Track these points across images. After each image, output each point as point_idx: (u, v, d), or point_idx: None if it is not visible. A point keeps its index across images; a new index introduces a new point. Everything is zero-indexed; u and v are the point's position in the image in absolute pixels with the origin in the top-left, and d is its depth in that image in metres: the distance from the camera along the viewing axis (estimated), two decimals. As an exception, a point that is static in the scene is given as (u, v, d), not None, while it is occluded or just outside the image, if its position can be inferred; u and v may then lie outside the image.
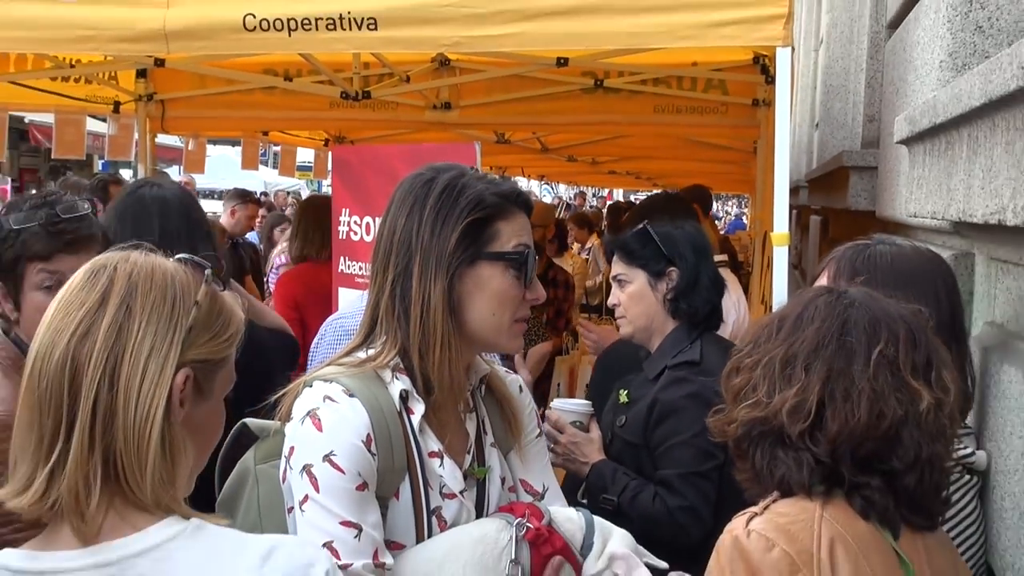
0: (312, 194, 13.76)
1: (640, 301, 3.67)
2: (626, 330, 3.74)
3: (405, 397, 2.25)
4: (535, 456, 2.62)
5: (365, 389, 2.21)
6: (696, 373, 3.48)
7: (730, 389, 2.01)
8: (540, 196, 27.34)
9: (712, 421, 2.09)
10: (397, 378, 2.26)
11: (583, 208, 23.02)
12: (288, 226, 8.90)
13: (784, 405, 1.87)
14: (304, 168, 16.04)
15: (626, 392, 3.65)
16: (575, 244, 13.69)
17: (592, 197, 28.70)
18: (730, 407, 2.01)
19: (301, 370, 3.89)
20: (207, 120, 8.35)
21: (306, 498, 2.10)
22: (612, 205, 15.65)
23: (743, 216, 20.62)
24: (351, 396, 2.18)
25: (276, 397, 2.30)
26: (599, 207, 20.10)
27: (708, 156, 10.29)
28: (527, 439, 2.58)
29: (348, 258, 4.80)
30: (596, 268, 12.25)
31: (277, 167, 13.29)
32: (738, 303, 5.52)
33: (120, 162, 10.95)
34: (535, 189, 26.59)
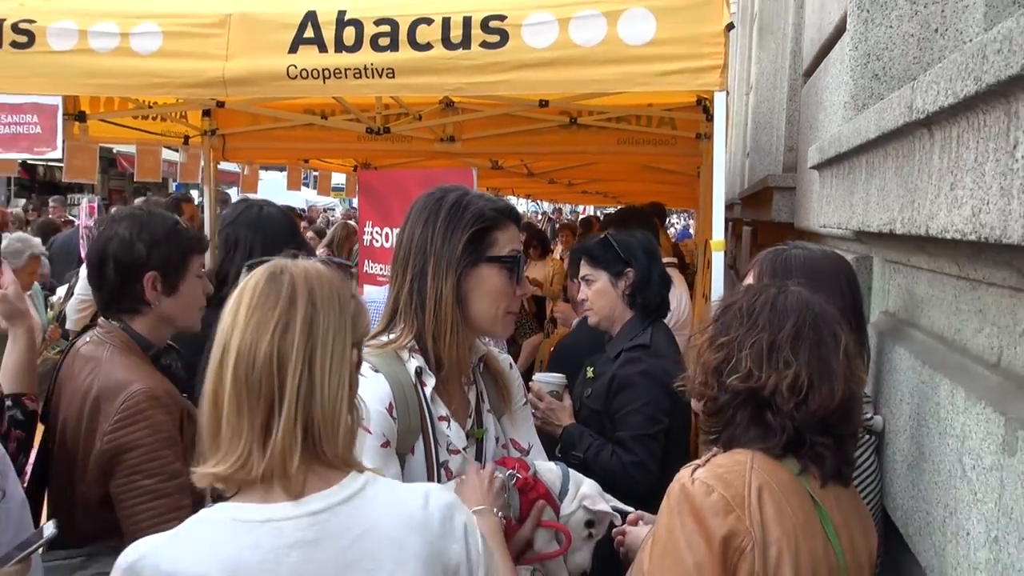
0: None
1: (603, 296, 3.69)
2: (592, 319, 3.76)
3: (419, 372, 2.27)
4: (522, 420, 2.63)
5: (387, 366, 2.23)
6: (647, 355, 3.51)
7: (708, 362, 1.99)
8: (527, 211, 27.32)
9: (690, 388, 2.08)
10: (413, 357, 2.27)
11: (560, 220, 23.09)
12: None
13: (782, 382, 1.87)
14: (338, 188, 15.99)
15: (592, 369, 3.67)
16: (561, 247, 13.64)
17: (569, 212, 28.60)
18: (705, 375, 2.00)
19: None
20: (259, 150, 8.31)
21: None
22: (583, 219, 15.60)
23: (689, 227, 20.58)
24: (376, 372, 2.20)
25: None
26: (574, 220, 20.04)
27: (661, 179, 10.26)
28: (516, 406, 2.60)
29: (371, 260, 4.81)
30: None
31: (316, 188, 13.20)
32: (681, 296, 5.52)
33: (190, 184, 10.88)
34: (523, 205, 26.56)
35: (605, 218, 9.63)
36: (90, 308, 5.05)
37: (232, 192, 16.90)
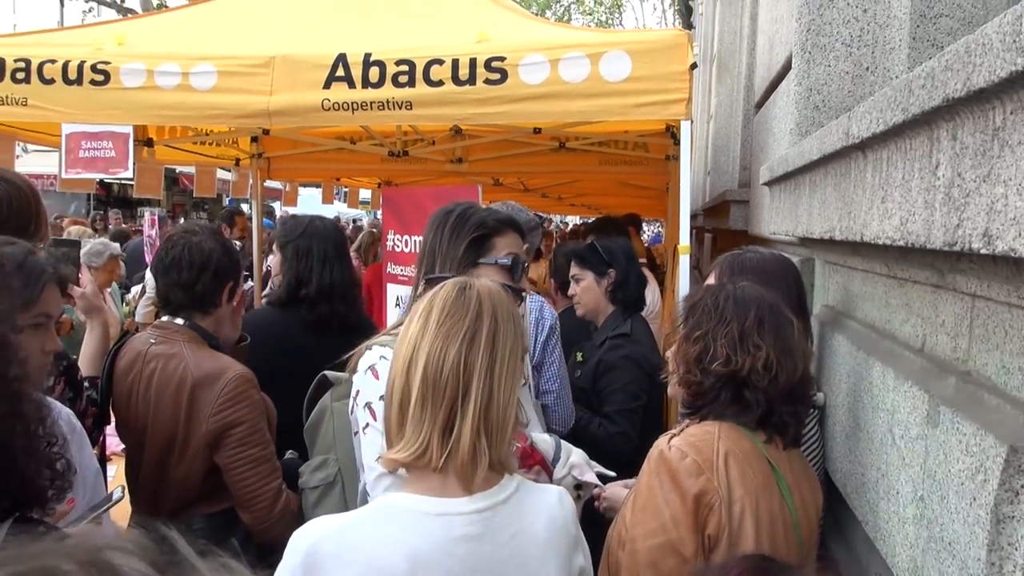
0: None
1: (589, 292, 3.68)
2: (580, 312, 3.75)
3: None
4: (522, 397, 2.61)
5: None
6: (628, 342, 3.51)
7: (688, 354, 1.98)
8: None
9: (678, 379, 2.06)
10: None
11: (550, 228, 23.10)
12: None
13: (756, 363, 1.87)
14: (364, 202, 15.94)
15: (581, 354, 3.66)
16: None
17: (559, 221, 28.54)
18: (688, 365, 1.99)
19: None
20: (298, 170, 8.29)
21: (366, 425, 2.09)
22: (572, 230, 15.55)
23: (660, 234, 20.55)
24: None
25: (347, 356, 2.30)
26: (563, 229, 20.01)
27: (636, 193, 10.24)
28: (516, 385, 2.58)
29: (393, 263, 4.79)
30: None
31: (346, 201, 13.16)
32: (654, 292, 5.52)
33: (240, 199, 10.86)
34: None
35: (586, 226, 9.63)
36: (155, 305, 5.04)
37: (276, 206, 16.90)
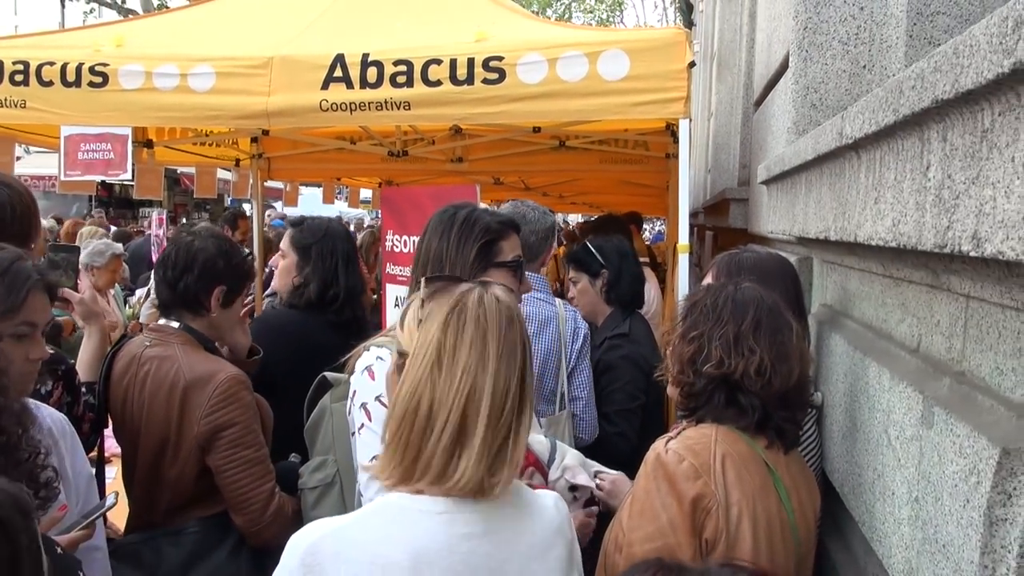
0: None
1: (586, 294, 3.68)
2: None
3: None
4: None
5: None
6: (626, 342, 3.50)
7: (682, 354, 1.97)
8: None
9: (668, 378, 2.06)
10: None
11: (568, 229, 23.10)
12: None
13: (749, 366, 1.86)
14: (365, 201, 15.94)
15: None
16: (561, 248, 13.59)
17: (561, 220, 28.66)
18: (681, 365, 1.98)
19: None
20: (299, 170, 8.28)
21: (362, 426, 2.09)
22: (570, 231, 15.55)
23: (663, 231, 20.57)
24: None
25: (346, 358, 2.30)
26: (565, 227, 20.03)
27: (637, 191, 10.22)
28: None
29: (392, 264, 4.78)
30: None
31: (347, 201, 13.16)
32: (651, 291, 5.50)
33: (241, 199, 10.87)
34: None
35: (583, 226, 9.65)
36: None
37: (277, 205, 16.90)
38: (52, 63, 4.24)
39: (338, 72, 4.02)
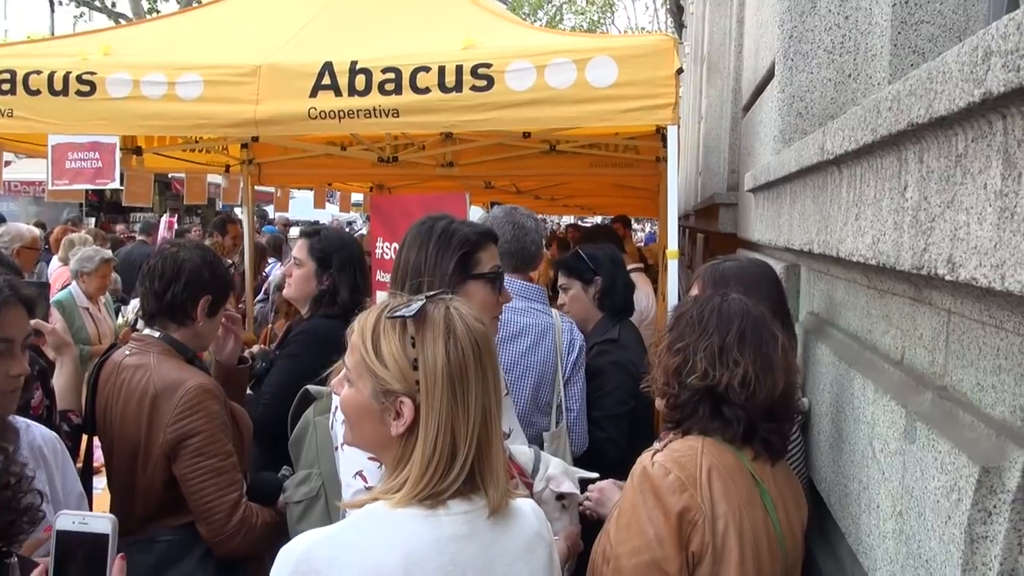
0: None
1: (578, 301, 3.68)
2: None
3: None
4: (504, 408, 2.60)
5: None
6: (615, 347, 3.51)
7: (668, 365, 1.97)
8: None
9: (654, 388, 2.06)
10: None
11: (560, 233, 23.08)
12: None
13: (734, 379, 1.86)
14: (357, 204, 15.97)
15: None
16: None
17: (552, 223, 28.66)
18: (667, 377, 1.98)
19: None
20: (289, 176, 8.26)
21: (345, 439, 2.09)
22: (561, 236, 15.55)
23: (654, 232, 20.62)
24: None
25: (328, 371, 2.29)
26: (556, 231, 20.08)
27: (628, 194, 10.22)
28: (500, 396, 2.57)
29: (382, 271, 4.77)
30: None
31: (338, 204, 13.16)
32: (648, 296, 5.50)
33: (232, 204, 10.85)
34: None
35: (574, 233, 9.70)
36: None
37: (269, 209, 16.86)
38: (39, 72, 4.23)
39: (326, 80, 4.02)
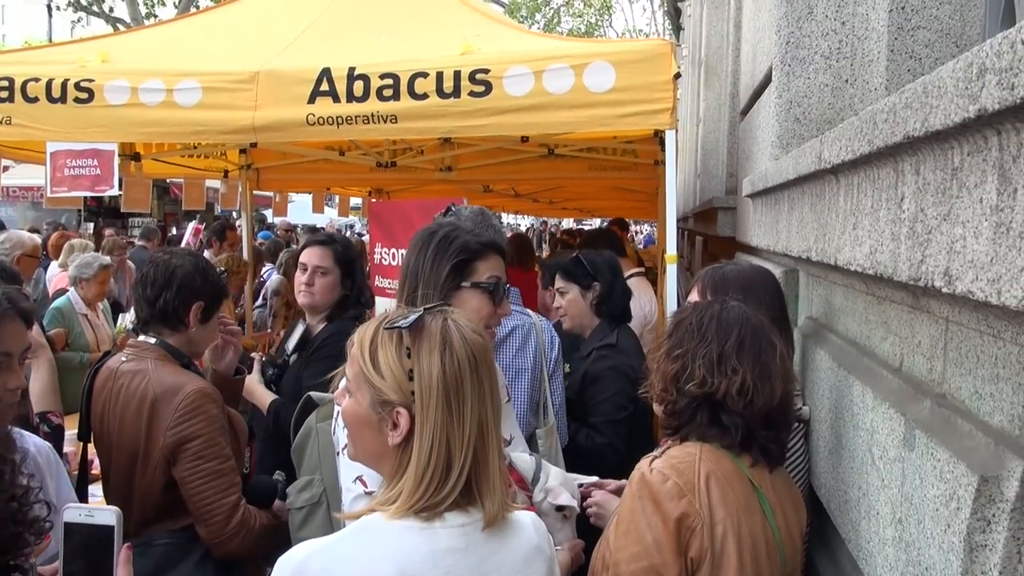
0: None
1: (575, 306, 3.68)
2: (566, 325, 3.75)
3: None
4: (505, 415, 2.59)
5: None
6: (613, 352, 3.51)
7: (666, 372, 1.97)
8: (516, 225, 27.27)
9: (652, 394, 2.06)
10: None
11: (544, 231, 23.13)
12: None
13: (732, 387, 1.86)
14: (355, 208, 15.97)
15: (569, 365, 3.66)
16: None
17: (550, 225, 28.72)
18: (665, 383, 1.98)
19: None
20: (288, 181, 8.26)
21: (347, 446, 2.09)
22: (558, 238, 15.56)
23: (653, 234, 20.63)
24: None
25: (330, 376, 2.29)
26: (552, 231, 20.10)
27: (627, 197, 10.23)
28: (499, 404, 2.56)
29: (381, 276, 4.79)
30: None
31: (336, 208, 13.16)
32: (651, 300, 5.48)
33: (231, 210, 10.84)
34: (511, 220, 26.56)
35: (569, 237, 9.73)
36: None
37: (267, 214, 16.88)
38: (37, 79, 4.24)
39: (324, 86, 4.03)
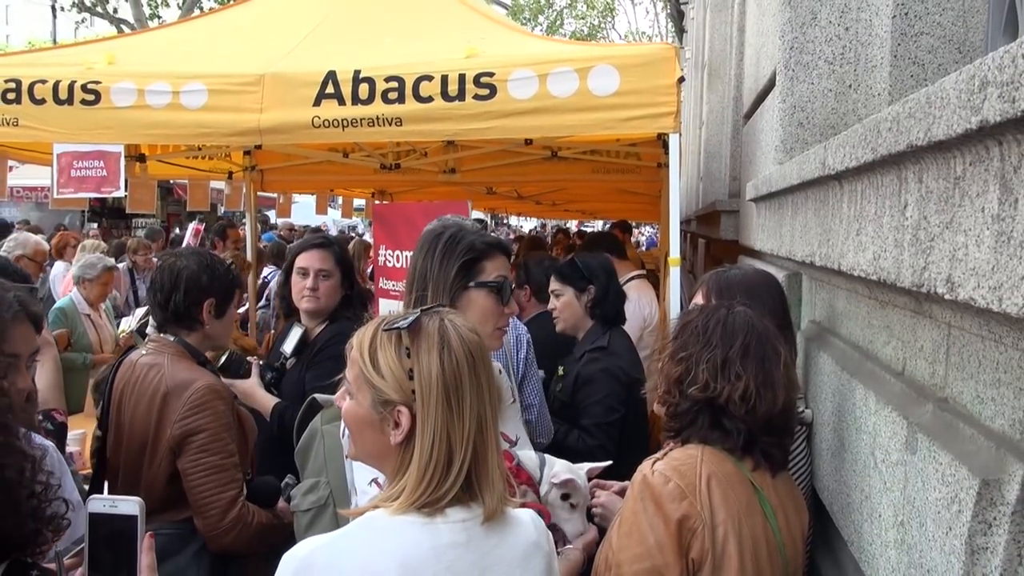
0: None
1: (569, 308, 3.70)
2: (560, 326, 3.77)
3: None
4: (511, 416, 2.61)
5: None
6: (605, 355, 3.54)
7: (670, 374, 1.99)
8: (519, 226, 27.25)
9: (653, 396, 2.08)
10: None
11: (545, 233, 23.08)
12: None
13: (735, 392, 1.88)
14: (359, 209, 15.98)
15: (562, 368, 3.68)
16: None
17: (552, 227, 28.71)
18: (668, 385, 2.00)
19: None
20: (292, 182, 8.29)
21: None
22: (534, 238, 15.45)
23: (655, 235, 20.63)
24: None
25: (337, 378, 2.30)
26: (552, 232, 20.10)
27: (630, 199, 10.23)
28: (505, 405, 2.58)
29: (385, 278, 4.80)
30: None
31: (339, 210, 13.18)
32: (652, 302, 5.47)
33: (235, 211, 10.86)
34: (514, 222, 26.56)
35: (563, 239, 9.80)
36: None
37: (271, 215, 16.90)
38: (44, 81, 4.26)
39: (330, 89, 4.05)
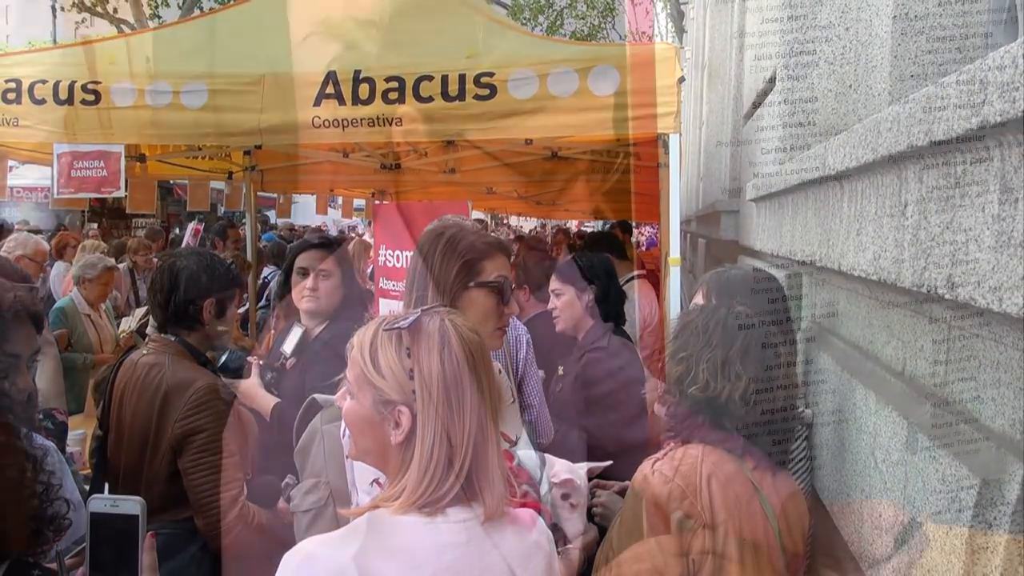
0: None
1: (569, 308, 3.70)
2: (560, 327, 3.77)
3: None
4: (510, 416, 2.61)
5: None
6: (605, 355, 3.57)
7: (671, 374, 2.00)
8: (519, 226, 27.22)
9: (653, 396, 2.09)
10: None
11: (546, 233, 23.04)
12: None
13: (735, 392, 1.88)
14: (359, 209, 15.97)
15: (562, 368, 3.68)
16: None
17: (552, 227, 28.68)
18: (668, 385, 2.01)
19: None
20: (292, 182, 8.31)
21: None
22: (556, 239, 15.45)
23: (654, 235, 20.64)
24: None
25: (337, 378, 2.30)
26: (552, 232, 20.07)
27: (631, 199, 10.25)
28: (505, 404, 2.57)
29: (385, 278, 4.79)
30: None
31: (339, 210, 13.17)
32: (651, 303, 5.46)
33: (235, 211, 10.85)
34: (514, 222, 26.56)
35: (561, 237, 9.80)
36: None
37: (271, 215, 16.90)
38: (44, 81, 4.27)
39: (330, 89, 4.05)
